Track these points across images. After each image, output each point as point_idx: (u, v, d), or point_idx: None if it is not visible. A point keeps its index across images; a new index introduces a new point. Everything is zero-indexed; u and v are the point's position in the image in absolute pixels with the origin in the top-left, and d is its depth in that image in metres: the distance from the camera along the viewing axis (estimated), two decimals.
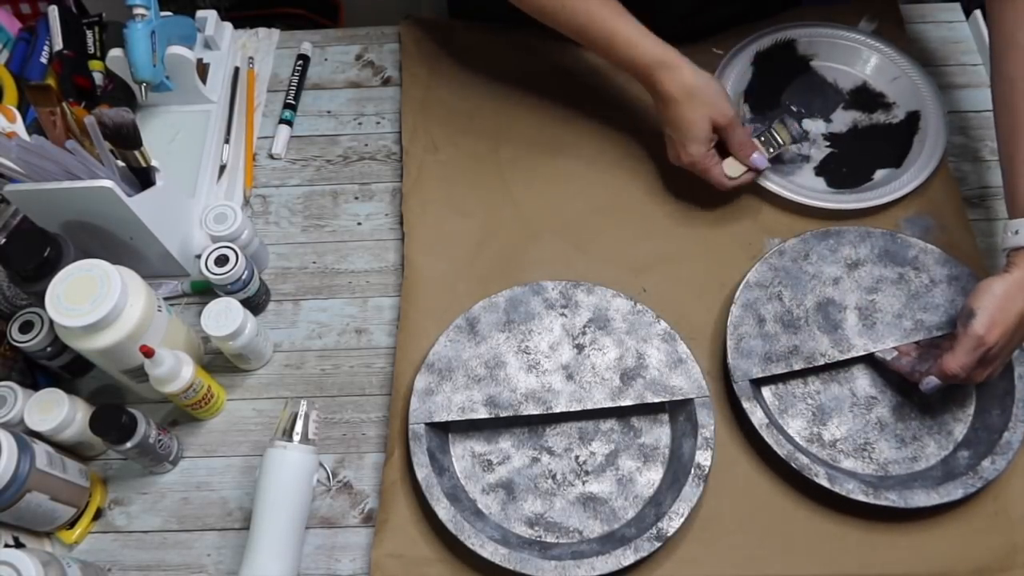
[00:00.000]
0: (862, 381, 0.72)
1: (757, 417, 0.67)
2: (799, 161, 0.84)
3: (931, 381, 0.65)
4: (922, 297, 0.74)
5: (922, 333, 0.71)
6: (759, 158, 0.76)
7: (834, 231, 0.76)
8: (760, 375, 0.70)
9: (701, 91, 0.73)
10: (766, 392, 0.73)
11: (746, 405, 0.68)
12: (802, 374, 0.73)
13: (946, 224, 0.79)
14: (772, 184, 0.80)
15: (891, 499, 0.63)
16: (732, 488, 0.68)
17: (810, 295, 0.75)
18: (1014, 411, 0.67)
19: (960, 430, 0.70)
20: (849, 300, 0.74)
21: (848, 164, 0.84)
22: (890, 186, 0.80)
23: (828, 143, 0.85)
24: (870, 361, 0.73)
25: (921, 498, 0.63)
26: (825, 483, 0.64)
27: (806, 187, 0.81)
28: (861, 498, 0.63)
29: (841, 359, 0.71)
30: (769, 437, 0.66)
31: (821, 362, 0.71)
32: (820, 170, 0.84)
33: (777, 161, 0.80)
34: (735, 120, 0.75)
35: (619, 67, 0.76)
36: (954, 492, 0.64)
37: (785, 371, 0.71)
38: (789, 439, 0.67)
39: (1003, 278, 0.63)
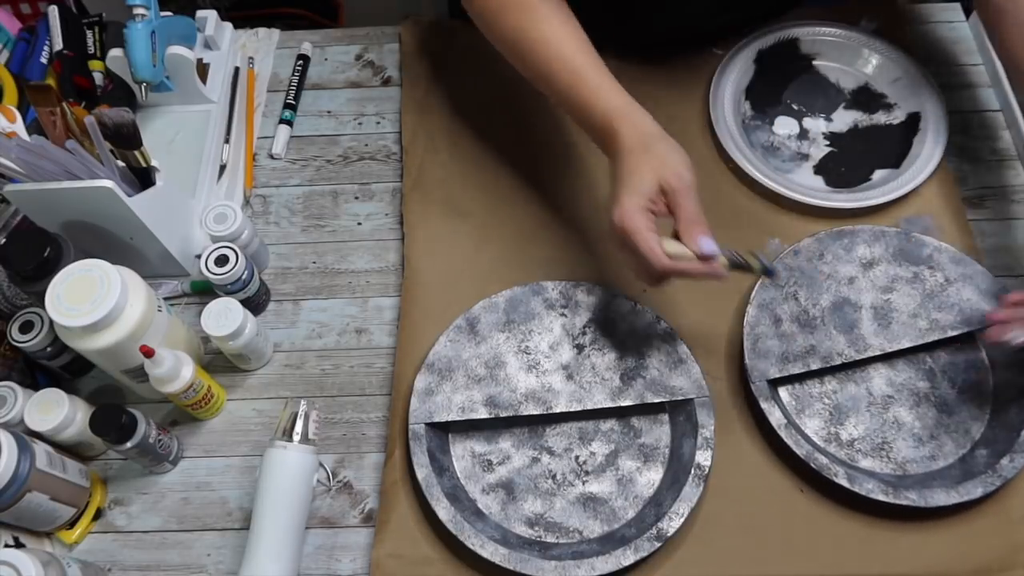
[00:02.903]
0: (879, 380, 0.72)
1: (775, 417, 0.67)
2: (798, 159, 0.84)
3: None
4: (937, 296, 0.73)
5: (936, 333, 0.71)
6: (707, 242, 0.61)
7: (848, 231, 0.76)
8: (778, 375, 0.70)
9: (657, 144, 0.63)
10: (783, 392, 0.72)
11: (764, 405, 0.68)
12: (819, 374, 0.73)
13: (945, 224, 0.79)
14: (770, 182, 0.80)
15: (911, 499, 0.63)
16: (732, 488, 0.68)
17: (826, 295, 0.75)
18: None
19: (977, 428, 0.69)
20: (864, 299, 0.74)
21: (847, 163, 0.84)
22: (889, 185, 0.80)
23: (828, 142, 0.85)
24: (886, 360, 0.73)
25: (941, 497, 0.63)
26: (845, 483, 0.64)
27: (804, 186, 0.81)
28: (881, 498, 0.63)
29: (857, 359, 0.70)
30: (788, 437, 0.66)
31: (838, 362, 0.71)
32: (819, 169, 0.84)
33: (739, 269, 0.65)
34: (690, 189, 0.62)
35: (576, 115, 0.69)
36: (973, 491, 0.63)
37: (802, 371, 0.70)
38: (807, 439, 0.67)
39: None
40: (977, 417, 0.70)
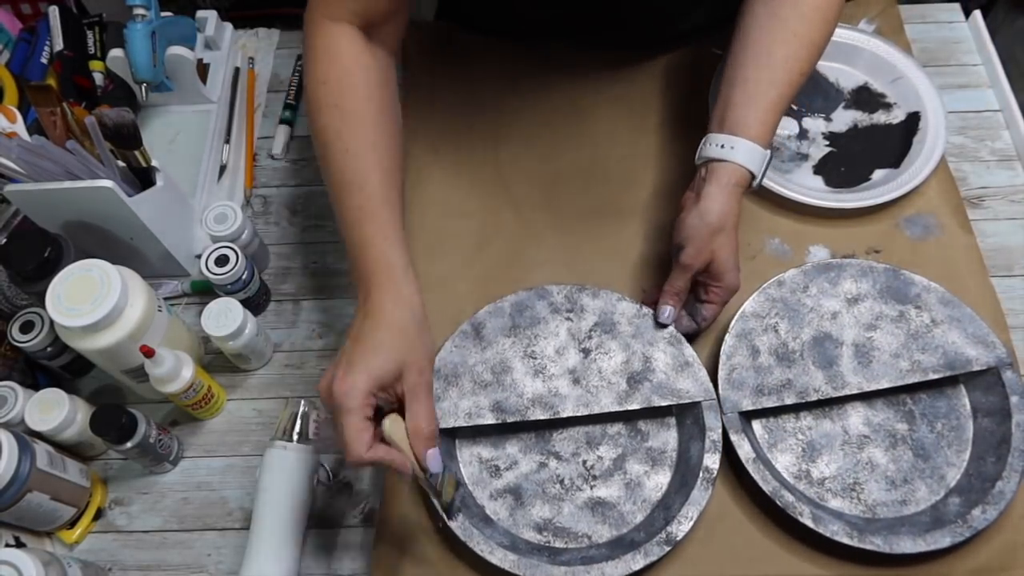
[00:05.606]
0: (856, 419, 0.70)
1: (744, 451, 0.66)
2: (798, 160, 0.84)
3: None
4: (922, 337, 0.71)
5: (917, 375, 0.69)
6: (435, 460, 0.57)
7: (836, 263, 0.74)
8: (750, 408, 0.68)
9: (412, 328, 0.58)
10: (756, 425, 0.71)
11: (734, 438, 0.66)
12: (794, 408, 0.71)
13: (946, 224, 0.79)
14: (770, 182, 0.79)
15: (876, 543, 0.62)
16: (737, 490, 0.68)
17: (807, 328, 0.72)
18: (1009, 460, 0.64)
19: (953, 475, 0.67)
20: (847, 336, 0.72)
21: (846, 163, 0.84)
22: (889, 185, 0.79)
23: (827, 142, 0.85)
24: (865, 399, 0.71)
25: (907, 544, 0.62)
26: (809, 523, 0.62)
27: (804, 186, 0.81)
28: (845, 540, 0.62)
29: (834, 396, 0.69)
30: (755, 472, 0.65)
31: (814, 398, 0.69)
32: (818, 169, 0.84)
33: (431, 489, 0.60)
34: (429, 389, 0.58)
35: (350, 247, 0.62)
36: (941, 540, 0.62)
37: (776, 405, 0.69)
38: (776, 475, 0.66)
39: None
40: (954, 464, 0.68)
